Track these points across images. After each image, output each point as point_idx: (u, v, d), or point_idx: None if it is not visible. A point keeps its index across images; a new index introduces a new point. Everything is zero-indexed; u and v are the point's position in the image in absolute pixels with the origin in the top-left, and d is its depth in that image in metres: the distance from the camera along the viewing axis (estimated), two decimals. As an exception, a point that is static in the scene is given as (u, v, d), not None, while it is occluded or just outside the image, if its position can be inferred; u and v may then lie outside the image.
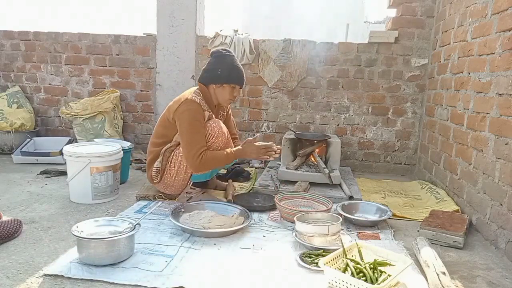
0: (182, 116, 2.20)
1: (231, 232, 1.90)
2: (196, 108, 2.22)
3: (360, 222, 2.14)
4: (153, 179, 2.37)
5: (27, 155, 3.27)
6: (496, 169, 2.00)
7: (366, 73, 3.52)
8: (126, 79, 3.83)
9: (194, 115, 2.21)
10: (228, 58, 2.33)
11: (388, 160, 3.64)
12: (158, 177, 2.34)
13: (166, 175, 2.32)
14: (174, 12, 3.59)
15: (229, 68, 2.30)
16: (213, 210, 2.13)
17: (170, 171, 2.31)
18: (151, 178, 2.38)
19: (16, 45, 3.87)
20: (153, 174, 2.35)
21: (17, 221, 1.84)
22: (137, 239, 1.72)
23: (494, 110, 2.07)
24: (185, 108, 2.20)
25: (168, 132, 2.32)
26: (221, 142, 2.26)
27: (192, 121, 2.19)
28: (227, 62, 2.31)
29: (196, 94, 2.28)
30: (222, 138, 2.26)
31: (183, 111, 2.20)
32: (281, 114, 3.68)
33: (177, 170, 2.29)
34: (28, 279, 1.44)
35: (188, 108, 2.20)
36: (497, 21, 2.11)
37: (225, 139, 2.30)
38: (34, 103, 3.94)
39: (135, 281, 1.44)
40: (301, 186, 2.69)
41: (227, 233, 1.89)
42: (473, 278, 1.63)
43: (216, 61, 2.33)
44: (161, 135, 2.34)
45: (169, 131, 2.31)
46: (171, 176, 2.32)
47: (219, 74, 2.29)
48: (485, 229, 2.07)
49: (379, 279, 1.39)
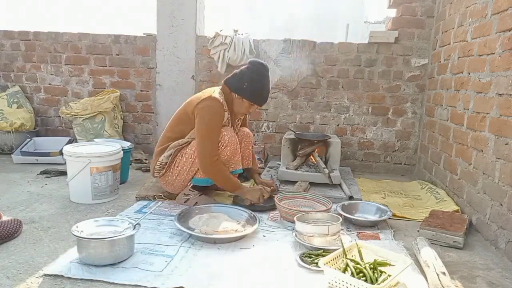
0: (203, 111, 2.18)
1: (234, 239, 1.87)
2: (218, 106, 2.21)
3: (360, 222, 2.14)
4: (155, 172, 2.35)
5: (27, 155, 3.27)
6: (496, 169, 2.00)
7: (366, 73, 3.52)
8: (126, 79, 3.83)
9: (215, 113, 2.20)
10: (260, 76, 2.26)
11: (388, 160, 3.64)
12: (161, 172, 2.33)
13: (168, 173, 2.31)
14: (174, 12, 3.60)
15: (256, 87, 2.25)
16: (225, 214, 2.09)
17: (173, 170, 2.30)
18: (153, 171, 2.36)
19: (16, 45, 3.88)
20: (156, 167, 2.33)
21: (17, 221, 1.84)
22: (137, 239, 1.72)
23: (494, 110, 2.07)
24: (207, 104, 2.19)
25: (185, 127, 2.29)
26: (228, 152, 2.25)
27: (212, 118, 2.18)
28: (257, 79, 2.25)
29: (220, 94, 2.28)
30: (230, 148, 2.24)
31: (205, 106, 2.19)
32: (281, 114, 3.68)
33: (180, 170, 2.29)
34: (28, 279, 1.44)
35: (210, 104, 2.19)
36: (497, 21, 2.11)
37: (233, 149, 2.27)
38: (34, 103, 3.94)
39: (135, 281, 1.44)
40: (301, 186, 2.69)
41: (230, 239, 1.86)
42: (473, 278, 1.63)
43: (248, 72, 2.27)
44: (178, 130, 2.31)
45: (185, 126, 2.28)
46: (172, 175, 2.31)
47: (244, 88, 2.24)
48: (485, 229, 2.07)
49: (379, 279, 1.39)
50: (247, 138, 2.55)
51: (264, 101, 2.33)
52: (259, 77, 2.26)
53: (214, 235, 1.85)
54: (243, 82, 2.24)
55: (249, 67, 2.28)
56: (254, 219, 2.02)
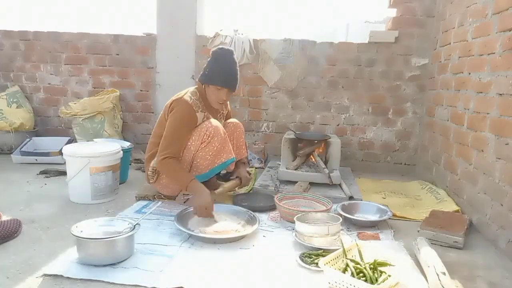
0: (172, 114, 2.20)
1: (234, 239, 1.86)
2: (187, 109, 2.18)
3: (360, 222, 2.14)
4: (149, 178, 2.35)
5: (26, 155, 3.27)
6: (497, 169, 2.00)
7: (366, 73, 3.51)
8: (126, 79, 3.83)
9: (183, 116, 2.18)
10: (220, 58, 2.23)
11: (388, 160, 3.64)
12: (154, 178, 2.33)
13: (161, 176, 2.30)
14: (174, 12, 3.59)
15: (217, 69, 2.21)
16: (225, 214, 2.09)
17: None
18: (148, 178, 2.36)
19: (15, 45, 3.87)
20: (149, 174, 2.33)
21: (16, 221, 1.84)
22: (137, 239, 1.71)
23: (494, 110, 2.07)
24: (174, 106, 2.20)
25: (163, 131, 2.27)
26: (216, 142, 2.20)
27: (178, 122, 2.17)
28: (217, 62, 2.23)
29: (192, 93, 2.26)
30: (218, 138, 2.20)
31: (174, 109, 2.20)
32: (281, 114, 3.68)
33: None
34: (27, 279, 1.44)
35: (178, 108, 2.19)
36: (497, 21, 2.11)
37: (221, 139, 2.22)
38: (33, 103, 3.94)
39: (134, 281, 1.43)
40: (301, 186, 2.68)
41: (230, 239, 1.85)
42: (473, 278, 1.62)
43: (209, 60, 2.28)
44: (158, 135, 2.29)
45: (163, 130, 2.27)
46: (165, 178, 2.30)
47: (207, 74, 2.24)
48: (486, 229, 2.07)
49: (379, 279, 1.39)
50: (238, 128, 2.52)
51: (230, 82, 2.23)
52: (220, 59, 2.23)
53: (214, 235, 1.85)
54: (205, 70, 2.25)
55: (211, 56, 2.28)
56: (254, 219, 2.02)
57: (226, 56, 2.25)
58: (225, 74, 2.22)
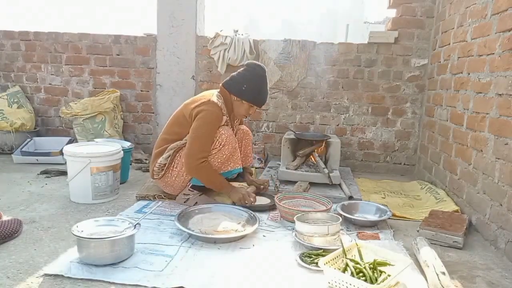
0: (201, 115, 2.20)
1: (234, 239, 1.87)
2: (217, 111, 2.23)
3: (360, 222, 2.14)
4: (154, 174, 2.36)
5: (27, 155, 3.27)
6: (496, 169, 2.00)
7: (366, 74, 3.52)
8: (126, 79, 3.83)
9: (213, 118, 2.21)
10: (258, 77, 2.29)
11: (387, 160, 3.64)
12: (160, 174, 2.34)
13: (167, 174, 2.32)
14: (174, 12, 3.60)
15: (255, 88, 2.28)
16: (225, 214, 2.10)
17: (172, 171, 2.30)
18: (153, 173, 2.36)
19: (16, 45, 3.88)
20: (155, 169, 2.33)
21: (17, 221, 1.84)
22: (137, 239, 1.72)
23: (493, 111, 2.07)
24: (206, 108, 2.21)
25: (181, 130, 2.29)
26: (226, 151, 2.25)
27: (208, 123, 2.20)
28: (256, 81, 2.28)
29: (218, 97, 2.29)
30: (228, 147, 2.24)
31: (204, 110, 2.20)
32: (281, 114, 3.69)
33: (179, 172, 2.29)
34: (28, 278, 1.45)
35: (209, 109, 2.21)
36: (496, 21, 2.11)
37: (232, 149, 2.27)
38: (34, 103, 3.94)
39: (135, 281, 1.44)
40: (301, 186, 2.69)
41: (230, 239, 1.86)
42: (472, 278, 1.63)
43: (246, 74, 2.29)
44: (174, 132, 2.32)
45: (182, 129, 2.29)
46: (171, 176, 2.32)
47: (243, 90, 2.27)
48: (485, 229, 2.07)
49: (378, 279, 1.40)
50: (247, 136, 2.59)
51: (263, 102, 2.37)
52: (258, 79, 2.29)
53: (214, 235, 1.85)
54: (242, 85, 2.27)
55: (247, 69, 2.31)
56: (254, 219, 2.03)
57: (262, 75, 2.31)
58: (262, 94, 2.33)
